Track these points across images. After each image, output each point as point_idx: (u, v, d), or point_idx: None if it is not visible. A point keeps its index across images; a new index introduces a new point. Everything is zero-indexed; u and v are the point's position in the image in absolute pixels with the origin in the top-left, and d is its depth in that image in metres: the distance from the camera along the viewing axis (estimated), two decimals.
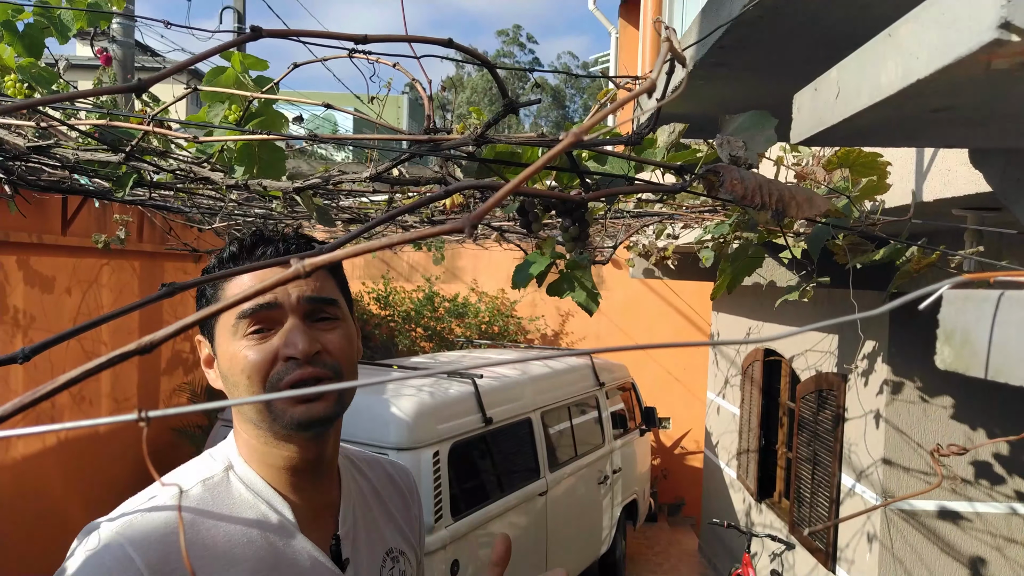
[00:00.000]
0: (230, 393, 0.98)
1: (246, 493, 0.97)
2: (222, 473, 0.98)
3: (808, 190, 1.00)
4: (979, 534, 3.64)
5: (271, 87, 1.38)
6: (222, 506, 0.95)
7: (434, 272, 8.90)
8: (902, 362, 3.69)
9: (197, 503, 0.94)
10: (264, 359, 0.94)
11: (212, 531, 0.92)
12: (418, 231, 0.47)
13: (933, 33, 0.67)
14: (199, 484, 0.96)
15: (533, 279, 1.31)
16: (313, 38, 0.86)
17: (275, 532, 0.96)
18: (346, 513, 1.06)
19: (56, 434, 4.79)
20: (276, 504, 0.98)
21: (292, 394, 0.61)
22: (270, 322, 0.95)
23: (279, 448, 0.98)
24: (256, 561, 0.93)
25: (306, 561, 0.97)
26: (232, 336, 0.96)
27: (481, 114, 1.74)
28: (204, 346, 1.03)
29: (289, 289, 0.96)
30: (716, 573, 6.65)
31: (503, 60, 37.25)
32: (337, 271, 1.05)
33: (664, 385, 8.60)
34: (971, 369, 0.58)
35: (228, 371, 0.96)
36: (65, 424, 0.43)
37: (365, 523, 1.10)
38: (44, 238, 4.55)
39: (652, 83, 0.64)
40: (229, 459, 1.00)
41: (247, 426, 0.99)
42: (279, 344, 0.95)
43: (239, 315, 0.94)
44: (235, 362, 0.95)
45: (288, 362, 0.94)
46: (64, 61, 2.32)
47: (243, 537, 0.94)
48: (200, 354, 1.05)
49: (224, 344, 0.97)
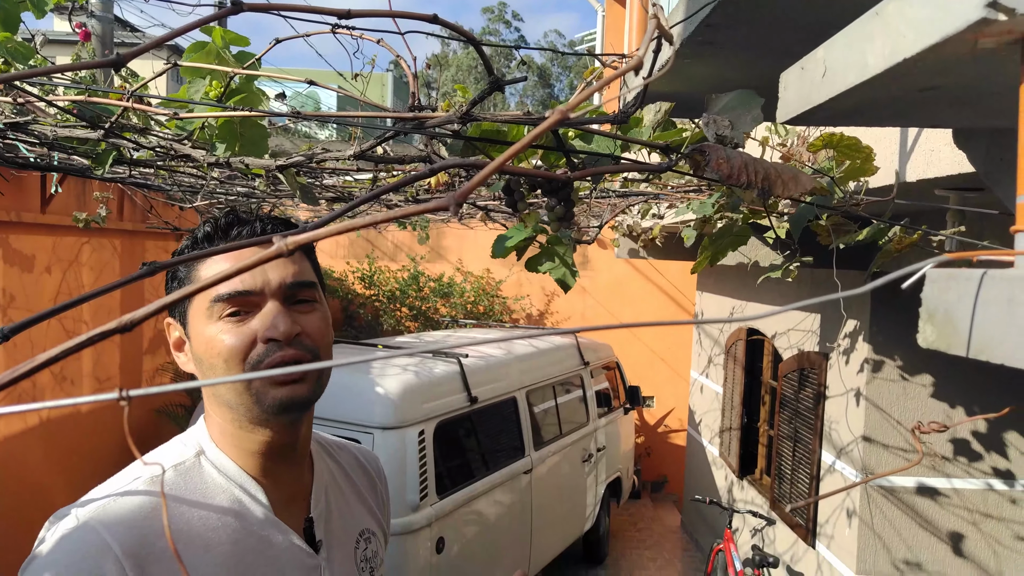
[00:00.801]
0: (203, 376, 0.96)
1: (218, 477, 0.96)
2: (193, 458, 0.97)
3: (794, 169, 1.00)
4: (956, 510, 3.71)
5: (253, 63, 1.36)
6: (195, 491, 0.94)
7: (419, 252, 8.87)
8: (883, 341, 3.74)
9: (170, 488, 0.93)
10: (242, 342, 0.93)
11: (186, 515, 0.91)
12: (403, 209, 0.47)
13: (920, 12, 0.67)
14: (171, 469, 0.95)
15: (513, 252, 1.30)
16: (296, 12, 0.85)
17: (249, 515, 0.96)
18: (318, 496, 1.06)
19: (37, 415, 4.76)
20: (249, 488, 0.97)
21: (274, 373, 0.60)
22: (248, 305, 0.94)
23: (254, 432, 0.97)
24: (231, 544, 0.93)
25: (281, 543, 0.97)
26: (207, 319, 0.94)
27: (467, 92, 1.72)
28: (174, 329, 1.00)
29: (269, 272, 0.94)
30: (698, 549, 6.74)
31: (488, 38, 36.96)
32: (311, 253, 1.04)
33: (648, 364, 8.66)
34: (953, 347, 0.58)
35: (204, 354, 0.95)
36: (46, 403, 0.42)
37: (337, 505, 1.10)
38: (23, 216, 4.49)
39: (639, 60, 0.63)
40: (200, 444, 0.99)
41: (222, 410, 0.98)
42: (258, 326, 0.93)
43: (215, 298, 0.93)
44: (212, 345, 0.93)
45: (268, 344, 0.93)
46: (41, 36, 2.27)
47: (217, 521, 0.93)
48: (169, 337, 1.02)
49: (198, 327, 0.95)
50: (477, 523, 4.17)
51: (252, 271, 0.88)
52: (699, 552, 6.66)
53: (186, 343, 0.99)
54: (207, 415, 1.02)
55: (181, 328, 0.99)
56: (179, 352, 1.01)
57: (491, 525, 4.33)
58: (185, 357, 1.00)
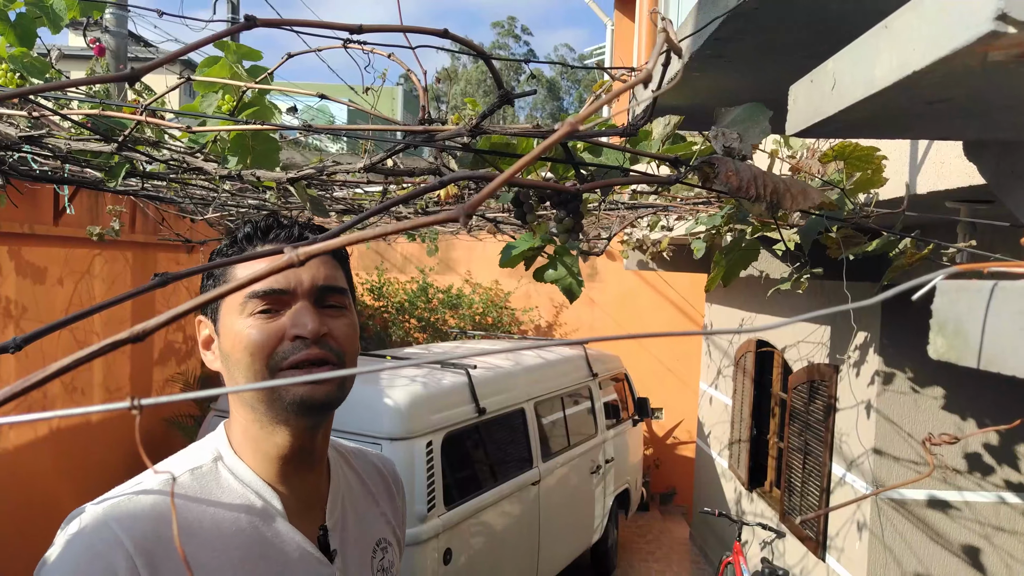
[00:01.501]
0: (229, 373, 0.98)
1: (235, 483, 0.97)
2: (211, 463, 0.98)
3: (802, 182, 1.00)
4: (968, 523, 3.67)
5: (265, 77, 1.37)
6: (210, 494, 0.95)
7: (428, 263, 8.88)
8: (894, 353, 3.71)
9: (185, 491, 0.93)
10: (270, 337, 0.94)
11: (200, 518, 0.92)
12: (413, 220, 0.47)
13: (930, 24, 0.68)
14: (187, 473, 0.96)
15: (521, 261, 1.31)
16: (308, 27, 0.85)
17: (263, 521, 0.96)
18: (334, 505, 1.07)
19: (48, 424, 4.78)
20: (265, 494, 0.98)
21: (292, 381, 0.60)
22: (279, 304, 0.96)
23: (273, 434, 0.98)
24: (244, 549, 0.93)
25: (294, 551, 0.98)
26: (239, 314, 0.96)
27: (476, 105, 1.73)
28: (205, 326, 1.02)
29: (302, 275, 0.97)
30: (707, 561, 6.69)
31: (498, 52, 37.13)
32: (344, 263, 1.06)
33: (657, 376, 8.62)
34: (964, 359, 0.58)
35: (230, 349, 0.96)
36: (58, 412, 0.42)
37: (355, 514, 1.10)
38: (36, 228, 4.53)
39: (648, 73, 0.64)
40: (218, 450, 1.00)
41: (244, 410, 0.99)
42: (287, 323, 0.95)
43: (249, 294, 0.95)
44: (239, 339, 0.95)
45: (295, 341, 0.95)
46: (57, 51, 2.30)
47: (231, 525, 0.94)
48: (199, 335, 1.03)
49: (229, 322, 0.97)
50: (485, 534, 4.16)
51: (285, 272, 0.90)
52: (708, 565, 6.61)
53: (214, 341, 1.00)
54: (230, 419, 1.03)
55: (212, 325, 1.00)
56: (207, 350, 1.02)
57: (499, 536, 4.31)
58: (212, 355, 1.01)
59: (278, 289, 0.95)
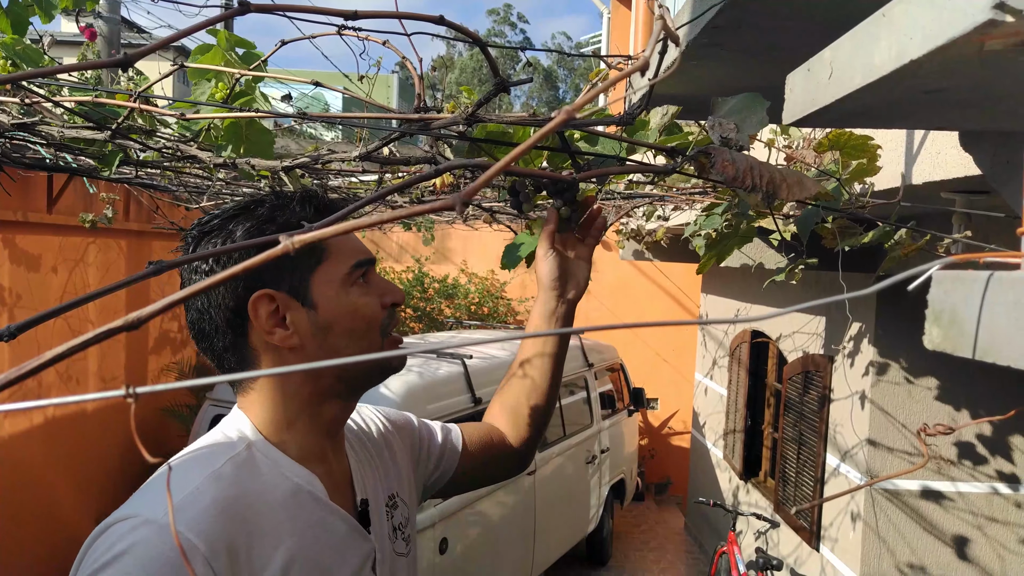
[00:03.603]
0: (325, 345, 0.94)
1: (274, 469, 0.93)
2: (245, 451, 0.92)
3: (798, 172, 1.00)
4: (961, 513, 3.69)
5: (259, 64, 1.36)
6: (256, 483, 0.90)
7: (423, 253, 8.87)
8: (888, 344, 3.73)
9: (232, 483, 0.88)
10: (378, 305, 0.99)
11: (254, 508, 0.88)
12: (409, 208, 0.47)
13: (927, 13, 0.67)
14: (228, 463, 0.89)
15: (523, 260, 1.31)
16: (302, 13, 0.85)
17: (311, 504, 0.94)
18: (359, 477, 1.05)
19: (43, 414, 4.77)
20: (305, 477, 0.95)
21: (394, 354, 0.55)
22: (368, 273, 1.01)
23: (324, 408, 0.98)
24: (299, 536, 0.90)
25: (342, 529, 0.96)
26: (348, 284, 0.97)
27: (472, 93, 1.73)
28: (274, 302, 0.92)
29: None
30: (702, 551, 6.72)
31: (494, 39, 36.99)
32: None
33: (653, 366, 8.65)
34: (959, 349, 0.58)
35: (348, 320, 0.96)
36: (53, 399, 0.42)
37: (372, 481, 1.08)
38: (29, 216, 4.51)
39: (645, 61, 0.63)
40: (246, 436, 0.94)
41: (306, 385, 0.95)
42: (378, 291, 1.00)
43: (356, 263, 0.97)
44: (355, 309, 0.96)
45: (389, 308, 1.00)
46: (49, 37, 2.29)
47: (283, 513, 0.90)
48: (258, 312, 0.92)
49: (332, 293, 0.94)
50: (481, 524, 4.17)
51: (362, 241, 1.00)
52: (703, 554, 6.64)
53: (288, 315, 0.93)
54: (254, 405, 0.97)
55: (293, 299, 0.93)
56: (278, 328, 0.93)
57: (495, 526, 4.32)
58: (284, 331, 0.93)
59: (373, 258, 1.00)
